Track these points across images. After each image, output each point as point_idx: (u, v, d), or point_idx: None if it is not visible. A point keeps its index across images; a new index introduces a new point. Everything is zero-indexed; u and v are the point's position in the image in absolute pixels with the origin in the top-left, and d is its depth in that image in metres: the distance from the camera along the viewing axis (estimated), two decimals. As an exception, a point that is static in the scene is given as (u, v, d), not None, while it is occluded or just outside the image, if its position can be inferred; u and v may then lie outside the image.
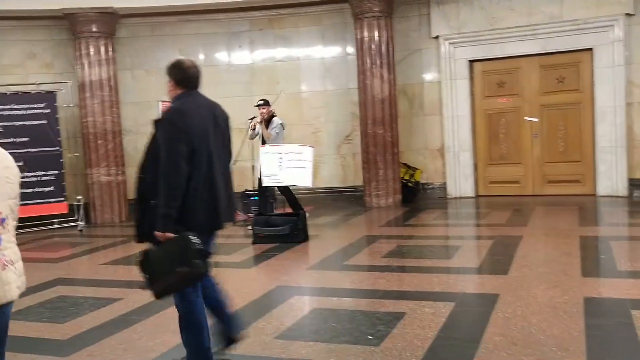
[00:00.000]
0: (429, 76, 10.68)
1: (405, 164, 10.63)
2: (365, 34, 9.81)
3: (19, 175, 2.56)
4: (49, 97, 9.50)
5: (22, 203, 8.96)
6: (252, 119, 8.52)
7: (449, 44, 10.33)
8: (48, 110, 9.42)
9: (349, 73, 10.84)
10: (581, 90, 9.79)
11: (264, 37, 11.23)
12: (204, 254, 3.18)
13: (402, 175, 10.34)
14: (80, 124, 10.24)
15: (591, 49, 9.55)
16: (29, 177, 9.19)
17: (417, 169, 10.71)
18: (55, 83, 9.98)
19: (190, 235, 3.12)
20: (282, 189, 8.32)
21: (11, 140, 9.11)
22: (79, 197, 9.61)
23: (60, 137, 9.55)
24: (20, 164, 9.03)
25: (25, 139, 9.20)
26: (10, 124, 9.16)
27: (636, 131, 9.50)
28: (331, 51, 11.15)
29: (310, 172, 7.75)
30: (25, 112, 9.28)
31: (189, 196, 3.23)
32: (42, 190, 9.31)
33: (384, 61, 9.82)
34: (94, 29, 9.94)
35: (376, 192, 9.96)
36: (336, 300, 4.81)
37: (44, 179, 9.31)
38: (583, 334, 3.73)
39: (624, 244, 6.35)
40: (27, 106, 9.30)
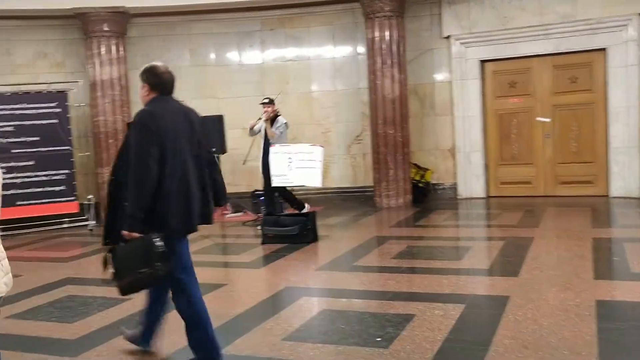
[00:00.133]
0: (440, 76, 10.63)
1: (416, 164, 10.58)
2: (376, 33, 9.77)
3: (1, 177, 2.56)
4: (60, 97, 9.54)
5: (32, 202, 8.96)
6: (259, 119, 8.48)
7: (460, 43, 10.26)
8: (59, 110, 9.45)
9: (359, 73, 10.81)
10: (594, 91, 9.69)
11: (275, 37, 11.22)
12: (166, 257, 3.23)
13: (412, 175, 10.29)
14: (91, 123, 10.27)
15: (604, 49, 9.44)
16: (39, 176, 9.26)
17: (428, 169, 10.66)
18: (66, 82, 10.02)
19: (155, 238, 3.19)
20: (279, 191, 8.27)
21: (22, 139, 9.19)
22: (89, 197, 9.64)
23: (71, 136, 9.58)
24: (31, 163, 9.18)
25: (36, 138, 9.23)
26: (22, 123, 9.20)
27: (650, 132, 9.39)
28: (342, 51, 11.13)
29: (320, 172, 7.71)
30: (37, 111, 9.32)
31: (162, 199, 3.27)
32: (52, 189, 9.34)
33: (394, 61, 9.77)
34: (105, 29, 9.97)
35: (386, 192, 9.91)
36: (345, 302, 4.78)
37: (54, 178, 9.35)
38: (595, 337, 3.68)
39: (637, 246, 6.26)
40: (38, 105, 9.34)
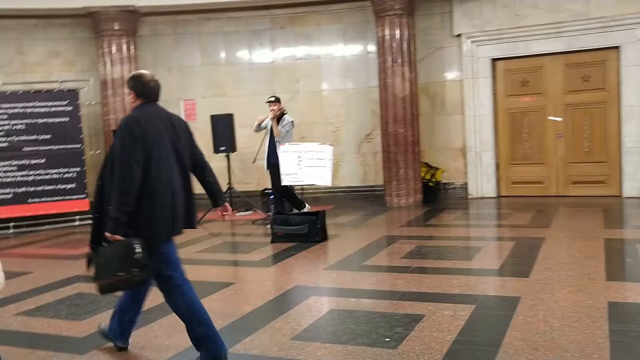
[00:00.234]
0: (450, 75, 10.57)
1: (426, 163, 10.54)
2: (387, 32, 9.73)
3: None
4: (72, 95, 9.59)
5: (43, 200, 9.03)
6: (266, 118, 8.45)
7: (472, 42, 10.20)
8: (70, 108, 9.50)
9: (369, 71, 10.78)
10: (607, 89, 9.60)
11: (285, 36, 11.21)
12: (144, 264, 3.30)
13: (422, 174, 10.24)
14: (101, 121, 10.32)
15: (618, 47, 9.35)
16: (50, 174, 9.30)
17: (438, 168, 10.61)
18: (77, 81, 10.07)
19: (135, 243, 3.27)
20: (282, 190, 8.26)
21: (34, 137, 9.24)
22: (100, 195, 9.66)
23: (82, 134, 9.62)
24: (42, 161, 9.23)
25: (48, 136, 9.28)
26: (34, 121, 9.26)
27: (664, 131, 9.29)
28: (352, 49, 11.09)
29: (329, 171, 7.69)
30: (48, 109, 9.37)
31: (146, 203, 3.34)
32: (63, 187, 9.39)
33: (405, 59, 9.73)
34: (116, 27, 10.01)
35: (396, 191, 9.87)
36: (354, 301, 4.76)
37: (65, 176, 9.40)
38: (607, 340, 3.63)
39: (650, 247, 6.20)
40: (50, 104, 9.39)
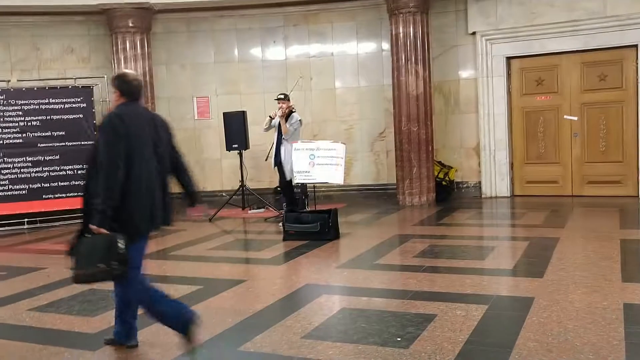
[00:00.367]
0: (465, 73, 10.50)
1: (440, 162, 10.48)
2: (401, 29, 9.67)
3: None
4: (86, 92, 9.63)
5: (57, 196, 9.10)
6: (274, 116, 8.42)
7: (486, 40, 10.11)
8: (84, 105, 9.54)
9: (383, 69, 10.74)
10: (624, 88, 9.47)
11: (299, 33, 11.19)
12: (125, 259, 3.42)
13: (436, 173, 10.18)
14: (115, 118, 10.35)
15: (636, 46, 9.22)
16: (65, 170, 9.36)
17: (452, 167, 10.55)
18: (92, 77, 10.12)
19: (119, 238, 3.40)
20: (289, 185, 8.24)
21: (48, 133, 9.30)
22: (113, 191, 9.72)
23: (95, 131, 9.65)
24: (57, 157, 9.29)
25: (62, 132, 9.34)
26: (48, 117, 9.32)
27: (682, 131, 9.16)
28: (365, 47, 11.05)
29: (342, 170, 7.67)
30: (63, 106, 9.42)
31: (126, 199, 3.47)
32: (77, 183, 9.42)
33: (419, 57, 9.67)
34: (130, 24, 10.05)
35: (409, 190, 9.82)
36: (365, 300, 4.73)
37: (79, 172, 9.43)
38: (622, 342, 3.57)
39: (667, 248, 6.11)
40: (64, 100, 9.44)
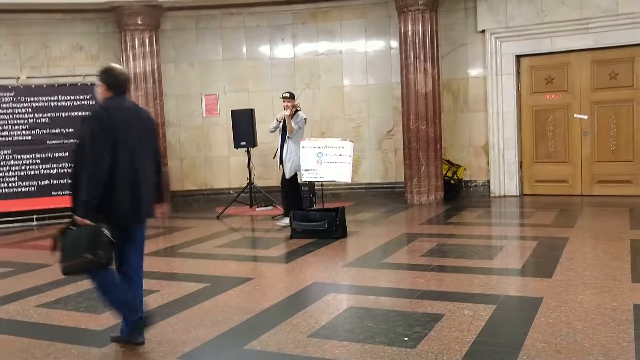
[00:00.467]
0: (474, 71, 10.44)
1: (448, 160, 10.43)
2: (410, 27, 9.63)
3: None
4: (94, 89, 9.64)
5: (65, 193, 9.16)
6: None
7: (496, 38, 10.05)
8: (93, 102, 9.55)
9: (391, 67, 10.70)
10: (635, 87, 9.39)
11: (307, 31, 11.16)
12: (110, 247, 3.52)
13: (444, 172, 10.14)
14: (124, 115, 10.37)
15: (647, 44, 9.16)
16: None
17: (460, 165, 10.50)
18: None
19: (103, 227, 3.49)
20: (288, 184, 8.23)
21: (57, 130, 9.33)
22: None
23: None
24: (66, 154, 9.32)
25: (71, 129, 9.36)
26: (57, 114, 9.36)
27: (693, 130, 9.07)
28: (374, 45, 11.01)
29: (350, 168, 7.65)
30: (72, 103, 9.46)
31: (113, 189, 3.56)
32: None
33: (427, 55, 9.63)
34: (139, 22, 10.06)
35: (417, 188, 9.79)
36: (373, 299, 4.71)
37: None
38: (632, 343, 3.53)
39: (678, 248, 6.04)
40: (73, 97, 9.48)
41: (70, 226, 3.56)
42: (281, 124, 8.25)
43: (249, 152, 9.90)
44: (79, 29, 10.77)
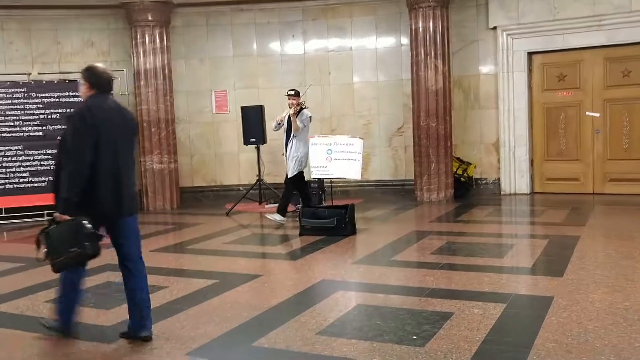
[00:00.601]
0: (485, 68, 10.37)
1: (458, 158, 10.38)
2: (420, 24, 9.58)
3: None
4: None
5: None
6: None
7: (507, 35, 9.97)
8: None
9: (402, 64, 10.65)
10: (648, 85, 9.31)
11: (317, 27, 11.13)
12: (95, 237, 3.61)
13: (454, 169, 10.09)
14: (134, 111, 10.40)
15: (661, 41, 9.05)
16: (84, 163, 9.42)
17: (471, 163, 10.44)
18: (111, 71, 10.13)
19: (84, 220, 3.56)
20: (293, 183, 8.21)
21: (68, 126, 9.36)
22: (132, 184, 9.77)
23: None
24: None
25: (82, 125, 9.40)
26: (68, 110, 9.37)
27: None
28: (384, 42, 10.96)
29: (359, 165, 7.63)
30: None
31: (96, 189, 3.63)
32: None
33: (438, 52, 9.58)
34: (150, 18, 10.07)
35: (427, 186, 9.75)
36: (382, 297, 4.69)
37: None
38: (644, 344, 3.50)
39: (691, 248, 5.98)
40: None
41: (51, 225, 3.63)
42: (286, 121, 8.20)
43: (258, 149, 9.90)
44: (90, 25, 10.80)
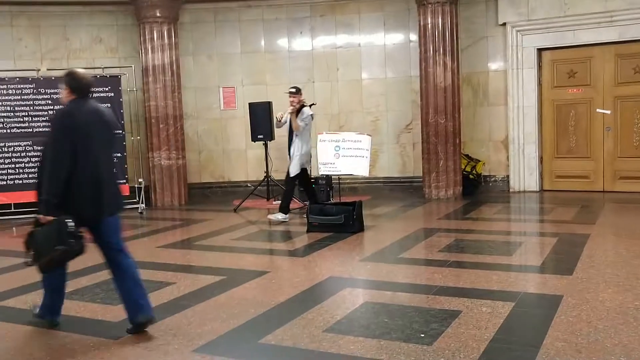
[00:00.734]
0: (494, 65, 10.31)
1: (467, 155, 10.33)
2: (429, 20, 9.52)
3: None
4: (114, 81, 9.70)
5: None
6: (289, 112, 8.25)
7: (517, 31, 9.89)
8: (112, 94, 9.62)
9: (410, 60, 10.61)
10: (660, 82, 9.22)
11: (325, 24, 11.10)
12: (79, 234, 3.70)
13: (463, 166, 10.04)
14: (143, 107, 10.42)
15: (673, 38, 8.96)
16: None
17: (479, 160, 10.38)
18: (120, 67, 10.19)
19: (66, 219, 3.65)
20: (300, 181, 8.23)
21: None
22: (140, 180, 9.80)
23: (123, 120, 9.73)
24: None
25: (90, 121, 9.41)
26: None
27: None
28: (393, 38, 10.92)
29: (367, 162, 7.59)
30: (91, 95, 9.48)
31: (77, 191, 3.71)
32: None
33: (447, 49, 9.52)
34: (158, 14, 10.05)
35: (436, 183, 9.70)
36: (389, 295, 4.67)
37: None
38: (655, 344, 3.46)
39: (702, 247, 5.91)
40: (93, 90, 9.50)
41: (35, 227, 3.75)
42: (288, 119, 8.16)
43: (266, 145, 9.89)
44: (99, 21, 10.82)
